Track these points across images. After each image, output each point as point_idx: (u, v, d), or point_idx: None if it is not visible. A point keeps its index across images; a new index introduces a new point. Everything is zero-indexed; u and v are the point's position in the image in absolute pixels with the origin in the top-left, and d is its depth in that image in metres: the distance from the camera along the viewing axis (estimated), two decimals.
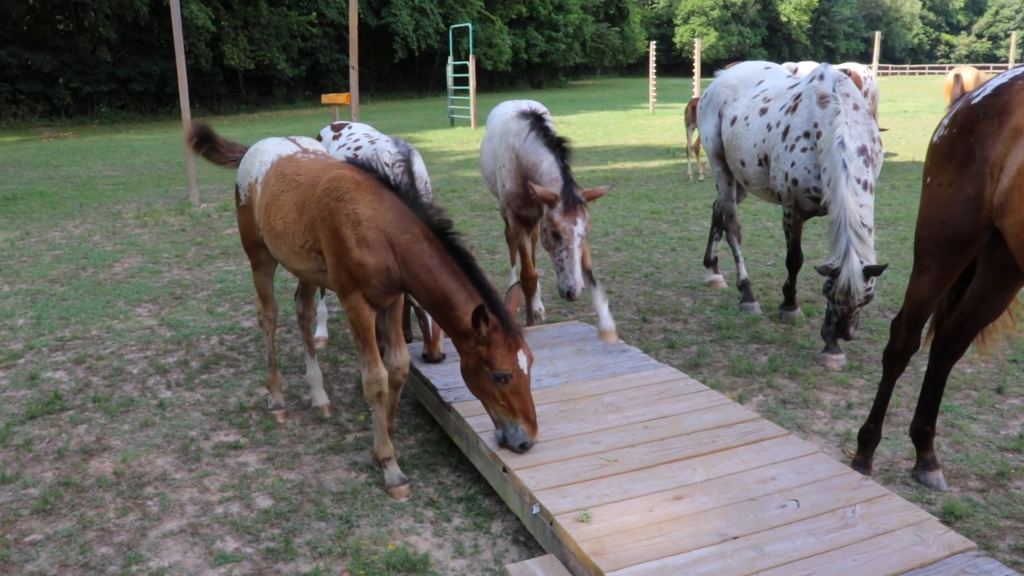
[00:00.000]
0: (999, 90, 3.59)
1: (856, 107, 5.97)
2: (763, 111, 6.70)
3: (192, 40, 35.37)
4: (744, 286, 7.60)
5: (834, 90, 5.97)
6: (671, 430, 4.13)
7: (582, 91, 56.77)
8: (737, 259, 7.74)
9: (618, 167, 17.31)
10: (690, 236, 10.56)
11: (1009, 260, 3.82)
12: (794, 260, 6.90)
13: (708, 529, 3.24)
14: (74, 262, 9.61)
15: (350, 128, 6.31)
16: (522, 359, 3.79)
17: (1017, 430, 5.09)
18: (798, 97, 6.33)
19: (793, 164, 6.25)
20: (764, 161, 6.63)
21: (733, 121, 7.03)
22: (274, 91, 42.88)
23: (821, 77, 6.15)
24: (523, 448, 3.89)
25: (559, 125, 24.44)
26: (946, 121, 3.83)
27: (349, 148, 6.00)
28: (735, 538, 3.19)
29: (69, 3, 34.87)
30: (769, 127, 6.54)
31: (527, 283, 6.46)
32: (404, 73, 50.95)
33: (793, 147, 6.24)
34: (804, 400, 5.53)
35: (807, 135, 6.13)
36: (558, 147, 5.49)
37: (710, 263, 8.39)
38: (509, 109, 6.28)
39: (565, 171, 5.41)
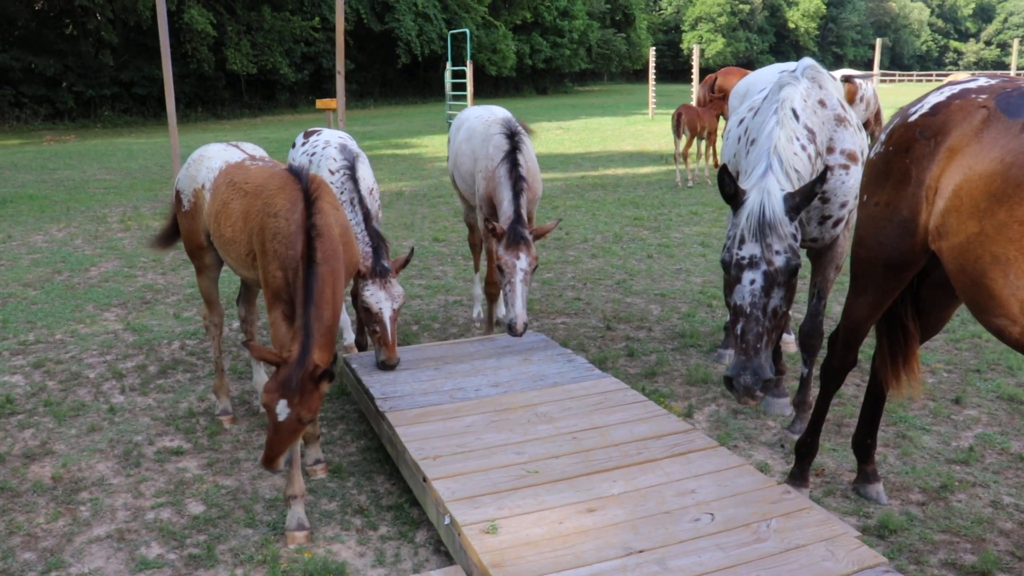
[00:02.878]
0: (936, 108, 3.46)
1: (822, 102, 4.71)
2: (740, 122, 5.47)
3: (195, 45, 35.53)
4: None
5: (799, 74, 4.67)
6: (599, 441, 4.10)
7: (587, 97, 56.78)
8: None
9: (609, 173, 17.28)
10: (669, 243, 10.52)
11: (946, 279, 3.72)
12: None
13: (615, 543, 3.21)
14: (51, 266, 9.63)
15: (319, 134, 6.30)
16: (281, 408, 3.62)
17: (969, 442, 5.04)
18: (765, 98, 4.93)
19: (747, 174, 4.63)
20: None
21: (725, 136, 5.90)
22: (277, 96, 42.98)
23: (793, 70, 4.83)
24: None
25: (557, 131, 24.45)
26: (883, 137, 3.69)
27: (306, 154, 6.00)
28: (640, 552, 3.15)
29: (74, 7, 35.05)
30: (739, 139, 5.31)
31: (489, 287, 6.47)
32: (408, 78, 51.02)
33: (748, 152, 4.76)
34: (756, 410, 5.48)
35: None
36: (515, 186, 5.69)
37: None
38: (496, 114, 6.37)
39: (517, 210, 5.63)
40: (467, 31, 31.74)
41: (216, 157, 4.99)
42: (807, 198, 3.81)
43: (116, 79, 36.36)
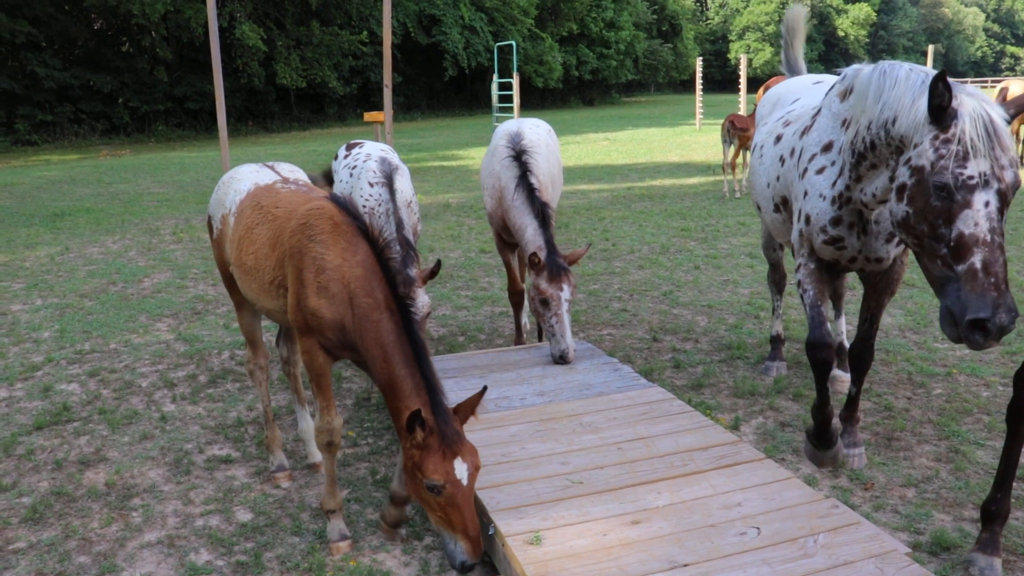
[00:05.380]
0: None
1: None
2: (778, 139, 5.00)
3: (245, 60, 36.23)
4: (774, 341, 6.44)
5: (865, 72, 3.95)
6: (644, 452, 4.07)
7: (634, 108, 56.64)
8: (775, 310, 6.51)
9: (656, 184, 17.20)
10: (716, 254, 10.43)
11: None
12: (815, 342, 4.50)
13: (659, 555, 3.18)
14: (106, 277, 9.87)
15: (360, 147, 6.37)
16: (459, 468, 3.31)
17: None
18: (817, 112, 4.55)
19: (806, 194, 4.39)
20: (782, 206, 4.95)
21: (754, 150, 5.49)
22: (326, 109, 43.61)
23: (843, 78, 4.29)
24: (464, 568, 3.36)
25: (603, 142, 24.33)
26: None
27: (347, 167, 6.06)
28: (685, 566, 3.12)
29: (130, 25, 35.98)
30: (782, 159, 4.81)
31: (513, 297, 6.53)
32: (455, 91, 51.41)
33: (806, 171, 4.39)
34: (804, 423, 5.39)
35: (827, 148, 4.28)
36: (541, 214, 5.69)
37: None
38: (510, 128, 6.34)
39: (548, 242, 5.66)
40: (513, 43, 31.92)
41: (245, 179, 4.61)
42: (1020, 111, 3.32)
43: (170, 94, 37.21)
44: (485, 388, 3.56)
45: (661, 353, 6.85)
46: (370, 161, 5.83)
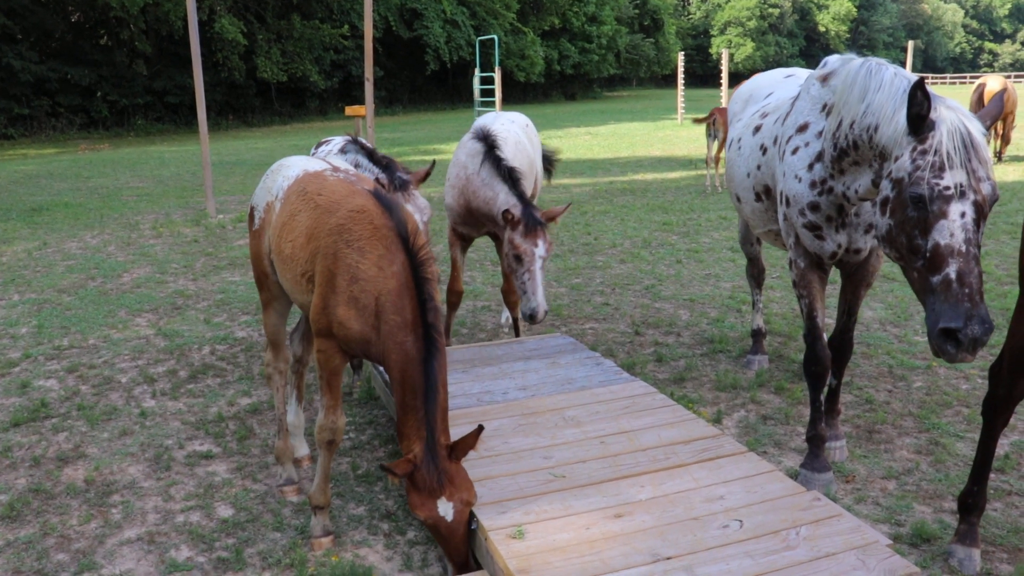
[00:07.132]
0: None
1: None
2: (756, 129, 5.07)
3: (226, 54, 35.99)
4: (756, 335, 6.48)
5: (853, 65, 3.94)
6: (627, 446, 4.08)
7: (615, 102, 56.71)
8: (754, 304, 6.58)
9: (637, 178, 17.23)
10: (698, 248, 10.46)
11: None
12: (812, 358, 4.53)
13: (642, 549, 3.18)
14: (85, 272, 9.77)
15: (329, 143, 6.36)
16: (443, 507, 3.33)
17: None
18: (795, 98, 4.59)
19: (784, 175, 4.38)
20: (764, 195, 4.97)
21: (729, 145, 5.54)
22: (307, 103, 43.40)
23: (824, 64, 4.40)
24: None
25: (585, 137, 24.34)
26: None
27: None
28: (668, 559, 3.12)
29: (109, 18, 35.64)
30: (764, 148, 4.84)
31: (451, 296, 6.34)
32: (437, 85, 51.28)
33: (784, 153, 4.42)
34: (786, 416, 5.43)
35: (802, 129, 4.30)
36: (510, 178, 5.51)
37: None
38: (480, 122, 6.32)
39: (521, 197, 5.45)
40: (495, 37, 31.89)
41: (295, 166, 4.37)
42: (995, 122, 3.39)
43: (149, 88, 36.90)
44: (481, 427, 3.48)
45: (643, 347, 6.86)
46: (331, 156, 5.91)
